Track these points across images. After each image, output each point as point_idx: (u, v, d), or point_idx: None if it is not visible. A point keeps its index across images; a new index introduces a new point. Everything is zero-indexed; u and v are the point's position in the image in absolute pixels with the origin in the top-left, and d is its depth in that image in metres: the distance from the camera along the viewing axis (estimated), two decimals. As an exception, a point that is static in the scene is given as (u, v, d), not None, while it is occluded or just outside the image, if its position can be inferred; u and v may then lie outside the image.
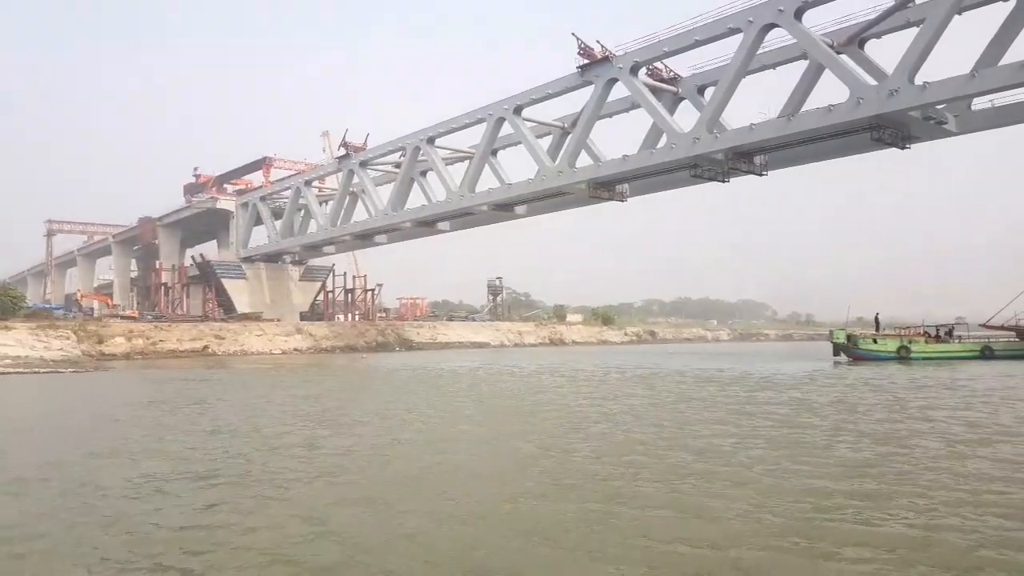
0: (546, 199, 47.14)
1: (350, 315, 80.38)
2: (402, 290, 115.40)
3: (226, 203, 76.17)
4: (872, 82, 31.40)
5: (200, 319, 67.00)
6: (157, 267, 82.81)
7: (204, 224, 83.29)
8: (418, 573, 6.32)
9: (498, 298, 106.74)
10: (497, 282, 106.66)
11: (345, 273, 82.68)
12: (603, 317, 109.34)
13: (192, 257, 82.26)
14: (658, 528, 7.44)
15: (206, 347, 56.57)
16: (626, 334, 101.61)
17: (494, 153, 48.83)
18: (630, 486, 9.34)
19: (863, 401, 18.83)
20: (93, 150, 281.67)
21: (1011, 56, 28.88)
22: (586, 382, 27.48)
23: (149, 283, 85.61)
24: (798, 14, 32.06)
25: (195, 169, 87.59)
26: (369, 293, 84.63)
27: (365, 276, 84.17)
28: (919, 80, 29.41)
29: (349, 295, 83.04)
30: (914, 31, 30.69)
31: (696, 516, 7.87)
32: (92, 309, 77.24)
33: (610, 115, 44.23)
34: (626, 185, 43.17)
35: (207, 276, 74.30)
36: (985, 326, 37.81)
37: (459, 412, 17.84)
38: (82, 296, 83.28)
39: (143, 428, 15.60)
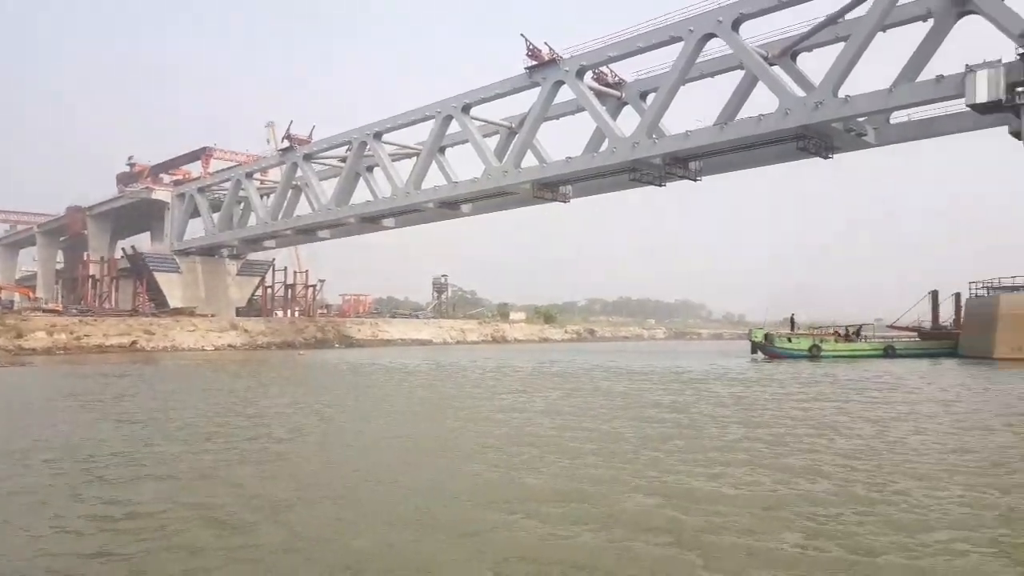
0: (491, 198, 47.73)
1: (290, 311, 79.02)
2: (349, 286, 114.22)
3: (161, 194, 73.81)
4: (801, 93, 33.14)
5: (129, 313, 64.70)
6: (85, 259, 79.57)
7: (137, 215, 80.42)
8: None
9: (443, 295, 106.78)
10: (442, 279, 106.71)
11: (286, 268, 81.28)
12: (545, 315, 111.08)
13: (123, 249, 79.43)
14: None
15: (134, 342, 54.70)
16: (567, 332, 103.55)
17: (442, 151, 49.10)
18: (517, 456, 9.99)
19: (748, 392, 20.16)
20: (18, 135, 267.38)
21: (928, 73, 30.93)
22: (508, 378, 28.05)
23: (76, 275, 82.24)
24: (735, 25, 33.57)
25: (129, 158, 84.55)
26: (310, 289, 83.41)
27: (307, 272, 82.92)
28: (844, 93, 31.28)
29: (289, 291, 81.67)
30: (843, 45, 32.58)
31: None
32: (12, 302, 73.95)
33: (556, 117, 45.16)
34: (569, 186, 44.16)
35: (138, 269, 71.84)
36: (892, 327, 40.28)
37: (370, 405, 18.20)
38: (1, 288, 79.45)
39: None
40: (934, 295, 38.86)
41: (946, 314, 39.85)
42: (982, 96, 27.90)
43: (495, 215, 54.07)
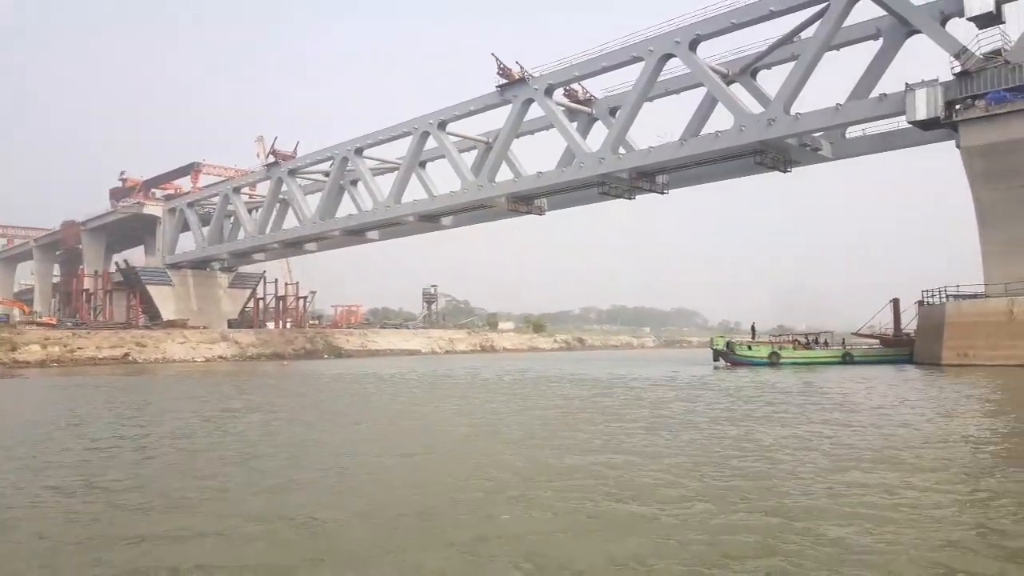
0: (469, 211, 49.07)
1: (281, 322, 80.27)
2: (346, 297, 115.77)
3: (153, 208, 75.20)
4: (757, 110, 34.44)
5: (123, 326, 65.92)
6: (80, 273, 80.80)
7: (130, 229, 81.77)
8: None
9: (433, 306, 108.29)
10: (432, 290, 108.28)
11: (276, 280, 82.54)
12: (535, 325, 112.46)
13: (116, 263, 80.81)
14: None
15: (126, 355, 55.97)
16: (556, 341, 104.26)
17: (423, 165, 50.44)
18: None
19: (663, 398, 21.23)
20: (15, 150, 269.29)
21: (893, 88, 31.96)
22: (472, 385, 29.17)
23: (71, 289, 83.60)
24: (693, 45, 34.93)
25: (122, 173, 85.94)
26: (301, 300, 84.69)
27: (297, 283, 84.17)
28: (798, 110, 32.55)
29: (280, 302, 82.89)
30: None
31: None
32: (8, 316, 75.15)
33: (531, 132, 46.64)
34: (544, 200, 45.49)
35: (132, 282, 73.07)
36: (855, 334, 41.42)
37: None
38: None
39: None
40: (895, 302, 39.95)
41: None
42: (921, 113, 29.26)
43: (489, 227, 55.43)
